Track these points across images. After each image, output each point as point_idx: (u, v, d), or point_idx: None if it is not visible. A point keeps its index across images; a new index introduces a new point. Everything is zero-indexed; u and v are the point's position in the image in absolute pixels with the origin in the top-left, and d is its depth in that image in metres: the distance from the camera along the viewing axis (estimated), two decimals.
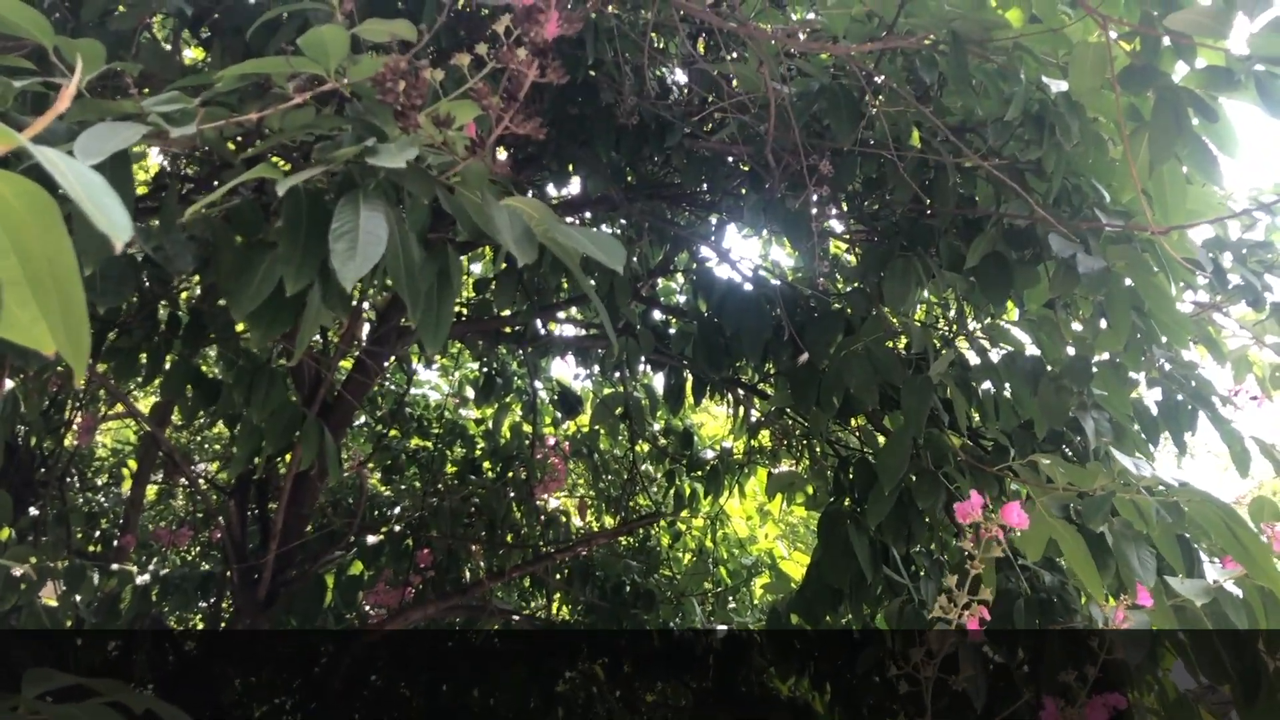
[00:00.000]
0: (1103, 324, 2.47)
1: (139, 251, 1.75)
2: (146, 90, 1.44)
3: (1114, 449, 2.18)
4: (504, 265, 3.18)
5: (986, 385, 2.70)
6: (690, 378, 3.63)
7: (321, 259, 1.26)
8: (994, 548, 1.49)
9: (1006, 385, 2.56)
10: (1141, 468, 1.87)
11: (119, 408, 4.21)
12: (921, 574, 2.70)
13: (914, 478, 2.28)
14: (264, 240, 1.58)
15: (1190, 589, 2.11)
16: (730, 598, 4.30)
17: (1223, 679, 2.17)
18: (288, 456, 3.16)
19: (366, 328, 3.68)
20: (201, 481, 4.25)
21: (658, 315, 3.83)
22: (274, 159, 2.45)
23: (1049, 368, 2.44)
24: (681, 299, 4.16)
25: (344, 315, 1.82)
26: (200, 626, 5.02)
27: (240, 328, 2.61)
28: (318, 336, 3.83)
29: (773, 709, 3.42)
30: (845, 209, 3.17)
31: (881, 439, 2.92)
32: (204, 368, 3.06)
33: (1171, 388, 2.71)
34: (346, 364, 3.62)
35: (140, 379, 2.84)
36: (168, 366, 2.83)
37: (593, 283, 3.06)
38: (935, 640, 1.55)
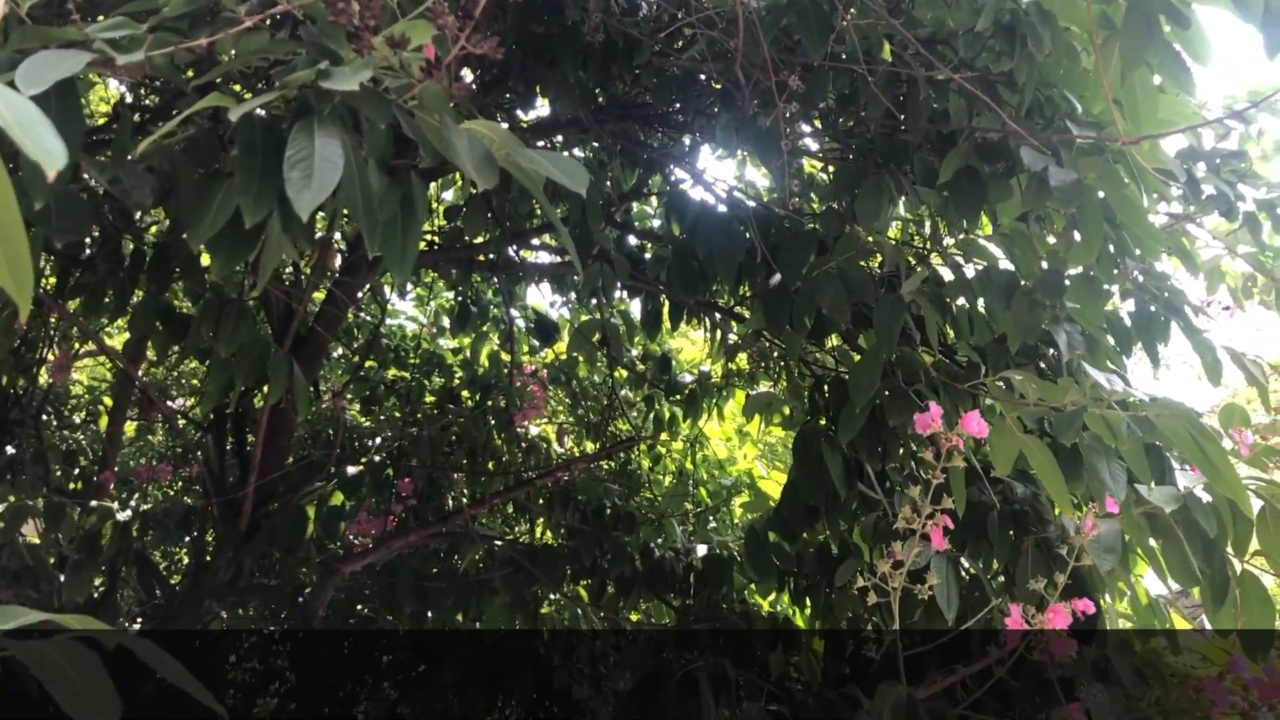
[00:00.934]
0: (1076, 237, 2.47)
1: (98, 185, 1.71)
2: (100, 17, 1.40)
3: (1086, 362, 2.19)
4: (474, 191, 3.14)
5: (960, 302, 2.70)
6: (667, 302, 3.62)
7: (279, 188, 1.23)
8: (955, 458, 1.50)
9: (980, 301, 2.56)
10: (1113, 382, 1.88)
11: (92, 345, 4.17)
12: (896, 490, 2.73)
13: (886, 395, 2.29)
14: (222, 170, 1.55)
15: (1160, 496, 2.14)
16: (711, 518, 4.35)
17: (1192, 583, 2.21)
18: (265, 389, 3.16)
19: (339, 259, 3.64)
20: (179, 418, 4.24)
21: (633, 240, 3.81)
22: (235, 86, 2.39)
23: (1022, 282, 2.44)
24: (656, 224, 4.13)
25: (308, 245, 1.80)
26: (185, 561, 5.06)
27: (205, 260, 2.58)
28: (289, 269, 3.79)
29: (754, 625, 3.48)
30: (818, 127, 3.13)
31: (856, 358, 2.93)
32: (176, 303, 3.03)
33: (1144, 299, 2.71)
34: (319, 296, 3.59)
35: (109, 316, 2.81)
36: (135, 303, 2.80)
37: (564, 208, 3.04)
38: (902, 551, 1.57)
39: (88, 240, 2.64)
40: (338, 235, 3.61)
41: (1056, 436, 1.91)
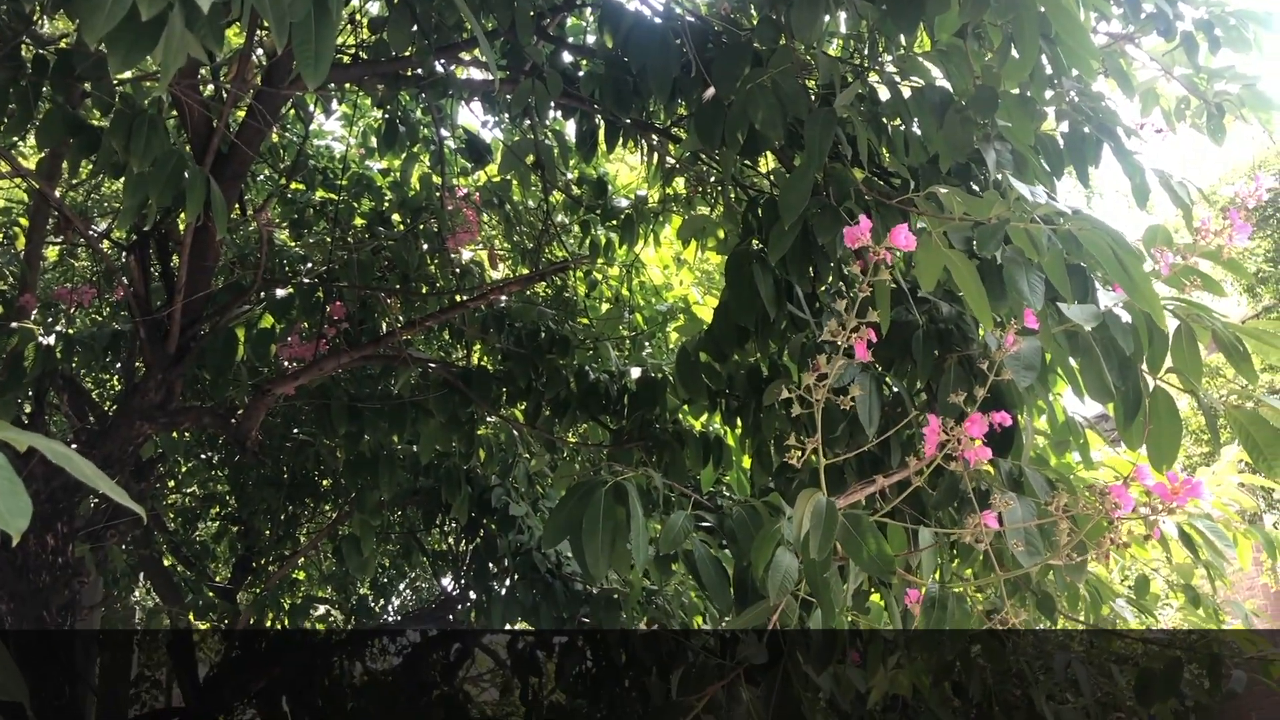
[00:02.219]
0: (1014, 55, 2.43)
1: None
2: None
3: (1015, 180, 2.19)
4: (397, 1, 2.99)
5: (897, 122, 2.67)
6: (602, 124, 3.53)
7: None
8: (882, 271, 1.51)
9: (915, 120, 2.53)
10: (1037, 195, 1.89)
11: (4, 166, 3.99)
12: (826, 312, 2.75)
13: (816, 212, 2.28)
14: None
15: (1079, 314, 2.18)
16: (646, 343, 4.38)
17: (1106, 399, 2.28)
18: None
19: (259, 78, 3.48)
20: (101, 240, 4.11)
21: (567, 58, 3.68)
22: None
23: (957, 100, 2.41)
24: (591, 39, 3.99)
25: (216, 46, 1.70)
26: (117, 388, 5.01)
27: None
28: (209, 86, 3.63)
29: (686, 443, 3.56)
30: None
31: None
32: (89, 117, 2.89)
33: (1078, 119, 2.70)
34: (241, 114, 3.45)
35: (14, 128, 2.68)
36: (42, 115, 2.67)
37: (491, 21, 2.91)
38: (825, 364, 1.59)
39: None
40: (260, 51, 3.44)
41: (978, 251, 1.92)
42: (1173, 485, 2.03)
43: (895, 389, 2.68)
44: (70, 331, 3.66)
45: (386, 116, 3.96)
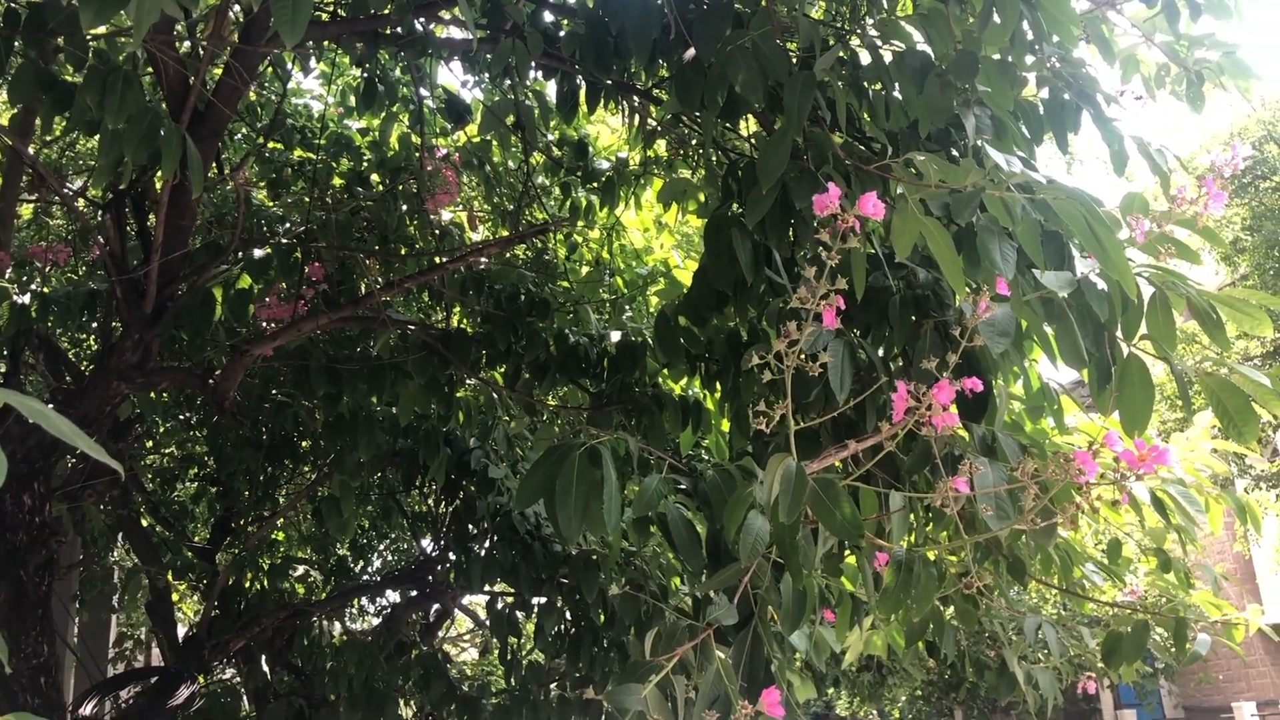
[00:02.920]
0: (996, 20, 2.42)
1: None
2: None
3: (993, 147, 2.20)
4: None
5: (878, 86, 2.66)
6: (583, 84, 3.51)
7: None
8: (851, 239, 1.51)
9: (895, 85, 2.52)
10: (1012, 164, 1.89)
11: None
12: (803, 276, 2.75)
13: (794, 176, 2.28)
14: None
15: (1055, 281, 2.20)
16: (626, 307, 4.38)
17: (1079, 365, 2.30)
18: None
19: (236, 35, 3.44)
20: (80, 201, 4.07)
21: (548, 17, 3.64)
22: None
23: (938, 64, 2.40)
24: None
25: (192, 3, 1.68)
26: (95, 348, 4.98)
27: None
28: (186, 42, 3.58)
29: (665, 407, 3.57)
30: None
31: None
32: (62, 74, 2.85)
33: (1058, 85, 2.71)
34: (217, 72, 3.40)
35: None
36: (14, 69, 2.63)
37: None
38: (796, 330, 1.59)
39: None
40: (236, 8, 3.40)
41: (953, 218, 1.93)
42: (1140, 451, 2.06)
43: (870, 355, 2.70)
44: (46, 290, 3.63)
45: (365, 75, 3.92)
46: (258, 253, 3.59)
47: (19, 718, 0.70)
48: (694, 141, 4.01)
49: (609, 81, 3.40)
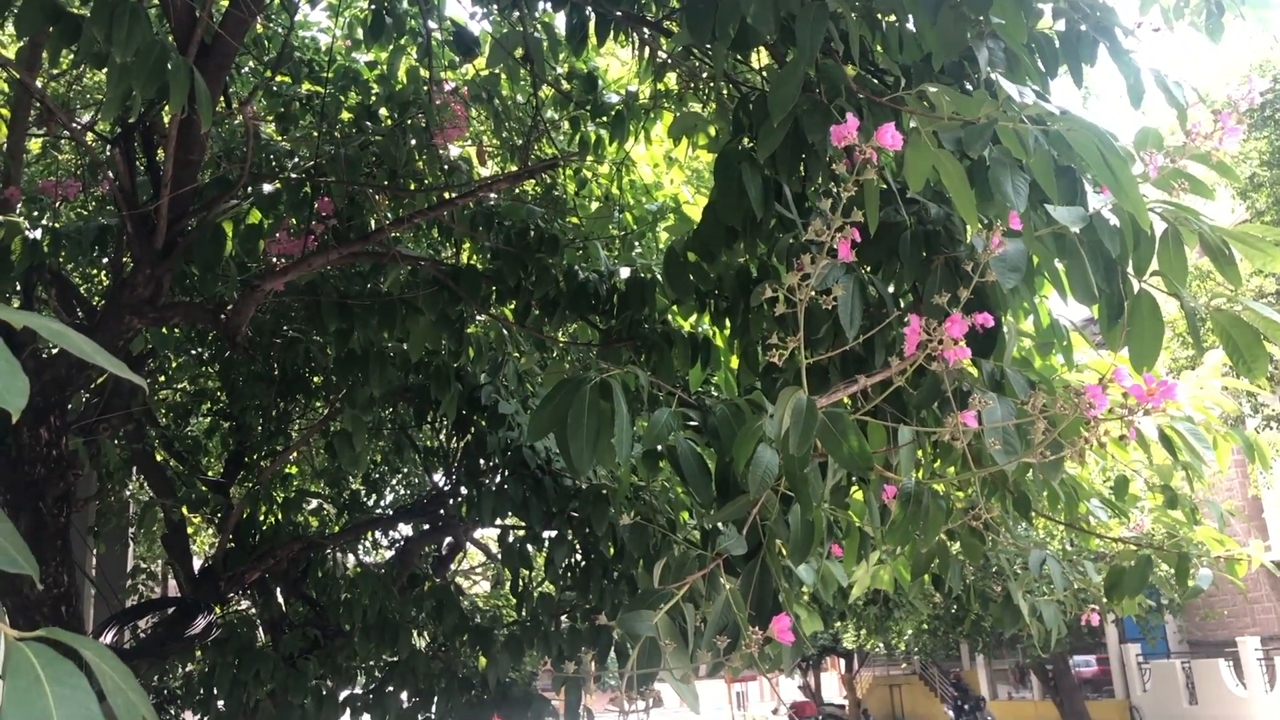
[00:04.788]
0: None
1: None
2: None
3: (1006, 79, 2.17)
4: None
5: (891, 18, 2.62)
6: (593, 16, 3.46)
7: None
8: (869, 170, 1.51)
9: (909, 16, 2.49)
10: (1025, 96, 1.87)
11: None
12: (814, 211, 2.74)
13: (806, 109, 2.25)
14: None
15: (1066, 215, 2.18)
16: (636, 243, 4.37)
17: (1090, 300, 2.30)
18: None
19: None
20: (89, 135, 4.06)
21: None
22: None
23: None
24: None
25: None
26: (106, 284, 4.99)
27: None
28: None
29: (675, 343, 3.58)
30: None
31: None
32: (69, 6, 2.82)
33: (1075, 18, 2.66)
34: (225, 2, 3.37)
35: None
36: (21, 2, 2.61)
37: None
38: (809, 263, 1.59)
39: None
40: None
41: (965, 150, 1.91)
42: (1149, 386, 2.06)
43: (880, 290, 2.69)
44: (56, 225, 3.64)
45: (373, 7, 3.87)
46: (267, 187, 3.58)
47: (50, 632, 0.73)
48: (705, 74, 3.96)
49: (619, 13, 3.36)
